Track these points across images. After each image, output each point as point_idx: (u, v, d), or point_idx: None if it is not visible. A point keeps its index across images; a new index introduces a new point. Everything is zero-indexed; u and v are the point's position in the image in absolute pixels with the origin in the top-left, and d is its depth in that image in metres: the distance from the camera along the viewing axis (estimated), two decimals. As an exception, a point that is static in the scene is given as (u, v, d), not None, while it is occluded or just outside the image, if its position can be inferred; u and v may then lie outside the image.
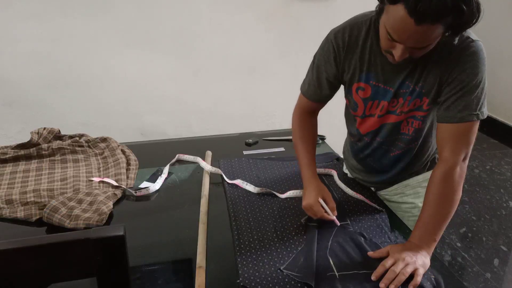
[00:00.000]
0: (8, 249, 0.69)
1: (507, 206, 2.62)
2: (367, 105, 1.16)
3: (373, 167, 1.31)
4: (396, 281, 0.92)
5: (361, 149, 1.29)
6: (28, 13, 2.18)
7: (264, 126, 2.70)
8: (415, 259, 0.96)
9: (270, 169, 1.44)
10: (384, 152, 1.24)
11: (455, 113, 1.02)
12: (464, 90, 1.01)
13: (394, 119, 1.15)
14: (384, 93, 1.12)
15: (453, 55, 1.01)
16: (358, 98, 1.16)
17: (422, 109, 1.11)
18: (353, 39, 1.10)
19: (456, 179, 1.04)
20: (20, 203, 1.20)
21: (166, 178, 1.38)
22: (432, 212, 1.04)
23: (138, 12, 2.31)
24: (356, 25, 1.10)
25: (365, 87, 1.13)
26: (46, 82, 2.33)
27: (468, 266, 2.13)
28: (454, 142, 1.04)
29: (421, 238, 1.03)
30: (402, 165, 1.26)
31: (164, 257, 1.06)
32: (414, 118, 1.13)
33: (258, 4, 2.46)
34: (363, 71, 1.12)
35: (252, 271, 0.97)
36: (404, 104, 1.11)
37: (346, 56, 1.12)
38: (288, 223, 1.15)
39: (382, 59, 1.08)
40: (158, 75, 2.49)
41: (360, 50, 1.10)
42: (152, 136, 2.55)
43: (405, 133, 1.17)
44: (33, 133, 1.53)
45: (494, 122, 3.64)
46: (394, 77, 1.09)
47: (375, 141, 1.22)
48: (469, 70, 1.00)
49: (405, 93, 1.09)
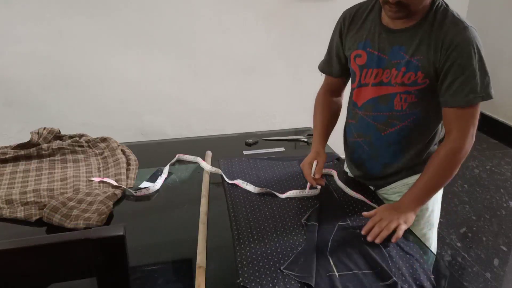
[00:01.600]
0: (8, 249, 0.69)
1: (507, 206, 2.62)
2: (362, 73, 1.22)
3: (365, 151, 1.31)
4: (380, 235, 1.07)
5: (355, 127, 1.31)
6: (28, 13, 2.18)
7: (264, 126, 2.70)
8: (399, 216, 1.10)
9: (270, 169, 1.44)
10: (376, 130, 1.25)
11: (461, 97, 1.08)
12: (466, 74, 1.06)
13: (388, 90, 1.18)
14: (378, 61, 1.18)
15: (449, 37, 1.06)
16: (355, 65, 1.24)
17: (416, 83, 1.14)
18: (359, 13, 1.23)
19: (461, 157, 1.13)
20: (20, 203, 1.20)
21: (166, 178, 1.38)
22: (428, 179, 1.16)
23: (138, 12, 2.31)
24: (365, 3, 1.25)
25: (362, 53, 1.21)
26: (46, 82, 2.34)
27: (468, 266, 2.13)
28: (462, 124, 1.11)
29: (411, 199, 1.16)
30: (393, 150, 1.26)
31: (164, 257, 1.06)
32: (407, 93, 1.16)
33: (258, 4, 2.46)
34: (362, 39, 1.21)
35: (252, 271, 0.97)
36: (398, 75, 1.15)
37: (350, 27, 1.24)
38: (288, 223, 1.15)
39: (380, 28, 1.17)
40: (158, 75, 2.49)
41: (362, 21, 1.22)
42: (152, 136, 2.55)
43: (398, 109, 1.19)
44: (33, 133, 1.53)
45: (494, 122, 3.63)
46: (388, 45, 1.15)
47: (369, 116, 1.24)
48: (466, 55, 1.06)
49: (399, 64, 1.14)
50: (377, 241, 1.06)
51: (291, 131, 1.77)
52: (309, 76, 2.66)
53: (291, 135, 1.72)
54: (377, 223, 1.10)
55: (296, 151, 1.61)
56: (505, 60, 3.46)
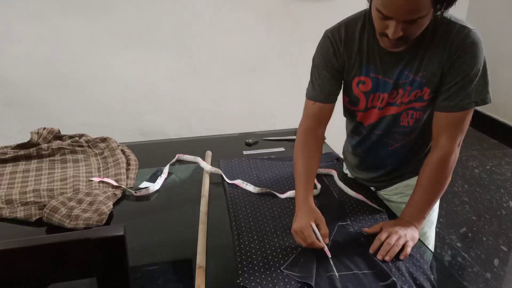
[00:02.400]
0: (8, 249, 0.69)
1: (507, 206, 2.62)
2: (369, 98, 1.17)
3: (371, 162, 1.31)
4: (390, 252, 1.02)
5: (360, 143, 1.29)
6: (28, 13, 2.18)
7: (264, 126, 2.70)
8: (406, 233, 1.06)
9: (270, 169, 1.44)
10: (383, 145, 1.24)
11: (456, 102, 1.06)
12: (465, 80, 1.04)
13: (394, 110, 1.16)
14: (384, 85, 1.13)
15: (454, 44, 1.03)
16: (359, 92, 1.17)
17: (422, 99, 1.12)
18: (349, 34, 1.12)
19: (451, 165, 1.11)
20: (20, 203, 1.20)
21: (166, 178, 1.38)
22: (424, 193, 1.13)
23: (138, 12, 2.31)
24: (350, 22, 1.13)
25: (365, 80, 1.15)
26: (46, 82, 2.34)
27: (468, 266, 2.13)
28: (453, 130, 1.09)
29: (412, 216, 1.12)
30: (401, 157, 1.26)
31: (164, 257, 1.06)
32: (414, 110, 1.14)
33: (258, 4, 2.46)
34: (363, 64, 1.13)
35: (252, 271, 0.97)
36: (404, 95, 1.12)
37: (345, 51, 1.13)
38: (288, 223, 1.15)
39: (380, 50, 1.09)
40: (158, 75, 2.49)
41: (357, 44, 1.11)
42: (152, 136, 2.55)
43: (404, 125, 1.18)
44: (33, 133, 1.53)
45: (494, 122, 3.63)
46: (392, 68, 1.10)
47: (374, 134, 1.23)
48: (469, 60, 1.02)
49: (404, 84, 1.11)
50: (387, 258, 1.01)
51: (291, 131, 1.77)
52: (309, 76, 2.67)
53: (291, 135, 1.71)
54: (386, 239, 1.05)
55: (296, 151, 1.61)
56: (505, 60, 3.46)
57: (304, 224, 1.05)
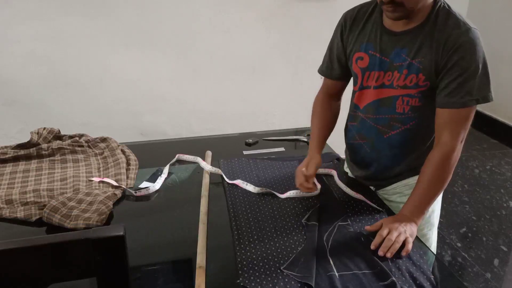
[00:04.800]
0: (8, 249, 0.69)
1: (507, 206, 2.62)
2: (365, 76, 1.21)
3: (367, 153, 1.31)
4: (392, 249, 1.02)
5: (357, 129, 1.31)
6: (28, 13, 2.18)
7: (264, 126, 2.70)
8: (406, 229, 1.07)
9: (270, 169, 1.44)
10: (378, 132, 1.25)
11: (457, 99, 1.07)
12: (464, 76, 1.05)
13: (390, 93, 1.18)
14: (380, 63, 1.17)
15: (451, 38, 1.05)
16: (357, 68, 1.23)
17: (418, 85, 1.13)
18: (360, 14, 1.22)
19: (452, 163, 1.12)
20: (20, 203, 1.20)
21: (166, 178, 1.38)
22: (425, 190, 1.14)
23: (138, 12, 2.31)
24: (365, 4, 1.23)
25: (363, 56, 1.20)
26: (46, 82, 2.33)
27: (468, 266, 2.13)
28: (454, 126, 1.10)
29: (412, 212, 1.13)
30: (395, 150, 1.26)
31: (164, 257, 1.06)
32: (410, 96, 1.16)
33: (258, 4, 2.46)
34: (364, 41, 1.20)
35: (252, 271, 0.97)
36: (400, 78, 1.14)
37: (351, 29, 1.23)
38: (288, 223, 1.15)
39: (382, 30, 1.16)
40: (158, 75, 2.49)
41: (363, 22, 1.20)
42: (152, 136, 2.55)
43: (400, 112, 1.19)
44: (33, 133, 1.53)
45: (494, 122, 3.64)
46: (390, 47, 1.15)
47: (370, 118, 1.24)
48: (468, 56, 1.04)
49: (401, 66, 1.13)
50: (388, 255, 1.01)
51: (291, 131, 1.77)
52: (309, 76, 2.66)
53: (291, 135, 1.72)
54: (386, 236, 1.05)
55: (296, 151, 1.61)
56: (505, 60, 3.46)
57: (300, 167, 1.25)
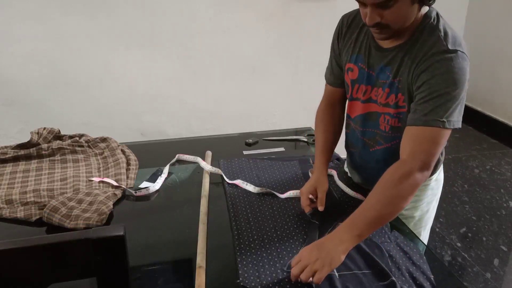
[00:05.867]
0: (8, 249, 0.69)
1: (507, 206, 2.62)
2: (354, 88, 1.20)
3: (356, 161, 1.32)
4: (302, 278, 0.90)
5: (348, 137, 1.32)
6: (28, 13, 2.18)
7: (264, 126, 2.70)
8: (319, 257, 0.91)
9: (270, 169, 1.44)
10: (365, 145, 1.25)
11: (420, 116, 1.00)
12: (432, 95, 0.98)
13: (374, 109, 1.17)
14: (368, 78, 1.15)
15: (425, 57, 1.00)
16: (348, 78, 1.21)
17: (397, 105, 1.10)
18: (356, 21, 1.18)
19: (409, 185, 0.97)
20: (20, 203, 1.20)
21: (166, 178, 1.38)
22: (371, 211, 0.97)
23: (138, 12, 2.31)
24: None
25: (353, 68, 1.18)
26: (46, 82, 2.33)
27: (468, 266, 2.13)
28: (415, 146, 1.00)
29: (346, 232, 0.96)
30: (380, 164, 1.20)
31: (164, 257, 1.06)
32: (389, 115, 1.13)
33: (258, 4, 2.46)
34: (355, 52, 1.17)
35: (252, 271, 0.97)
36: (383, 96, 1.13)
37: (345, 35, 1.19)
38: (288, 223, 1.15)
39: (372, 44, 1.13)
40: (158, 75, 2.49)
41: (357, 32, 1.17)
42: (152, 136, 2.55)
43: (382, 129, 1.17)
44: (33, 133, 1.52)
45: (494, 122, 3.63)
46: (376, 63, 1.12)
47: (358, 130, 1.24)
48: (439, 76, 0.97)
49: (384, 84, 1.12)
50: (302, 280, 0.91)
51: (291, 131, 1.77)
52: (309, 76, 2.67)
53: (291, 135, 1.72)
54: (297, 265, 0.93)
55: (296, 151, 1.61)
56: (505, 60, 3.46)
57: (306, 189, 1.18)
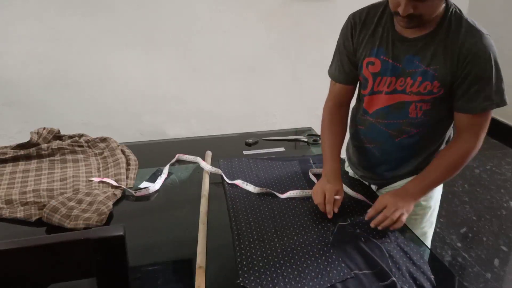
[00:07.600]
0: (8, 249, 0.69)
1: (507, 206, 2.62)
2: (376, 81, 1.19)
3: (376, 156, 1.30)
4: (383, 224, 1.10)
5: (365, 133, 1.29)
6: (28, 13, 2.18)
7: (264, 126, 2.70)
8: (403, 205, 1.12)
9: (270, 169, 1.44)
10: (389, 137, 1.24)
11: (477, 104, 1.09)
12: (481, 83, 1.07)
13: (402, 98, 1.17)
14: (393, 69, 1.15)
15: (466, 47, 1.06)
16: (368, 72, 1.20)
17: (432, 92, 1.13)
18: (369, 17, 1.19)
19: (470, 158, 1.17)
20: (20, 203, 1.20)
21: (166, 178, 1.38)
22: (438, 175, 1.18)
23: (138, 12, 2.31)
24: (374, 7, 1.20)
25: (375, 61, 1.18)
26: (46, 82, 2.34)
27: (469, 266, 2.12)
28: (476, 129, 1.13)
29: (417, 189, 1.18)
30: (405, 152, 1.26)
31: (164, 257, 1.06)
32: (423, 102, 1.15)
33: (258, 4, 2.46)
34: (375, 46, 1.17)
35: (252, 271, 0.97)
36: (414, 85, 1.13)
37: (361, 32, 1.19)
38: (288, 223, 1.15)
39: (394, 35, 1.14)
40: (158, 75, 2.49)
41: (374, 26, 1.17)
42: (152, 136, 2.55)
43: (413, 117, 1.18)
44: (33, 133, 1.52)
45: (494, 122, 3.60)
46: (403, 54, 1.13)
47: (381, 123, 1.23)
48: (483, 64, 1.06)
49: (414, 73, 1.12)
50: (380, 228, 1.10)
51: (291, 131, 1.77)
52: (309, 76, 2.67)
53: (291, 135, 1.71)
54: (383, 210, 1.12)
55: (296, 151, 1.61)
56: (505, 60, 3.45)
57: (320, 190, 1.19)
